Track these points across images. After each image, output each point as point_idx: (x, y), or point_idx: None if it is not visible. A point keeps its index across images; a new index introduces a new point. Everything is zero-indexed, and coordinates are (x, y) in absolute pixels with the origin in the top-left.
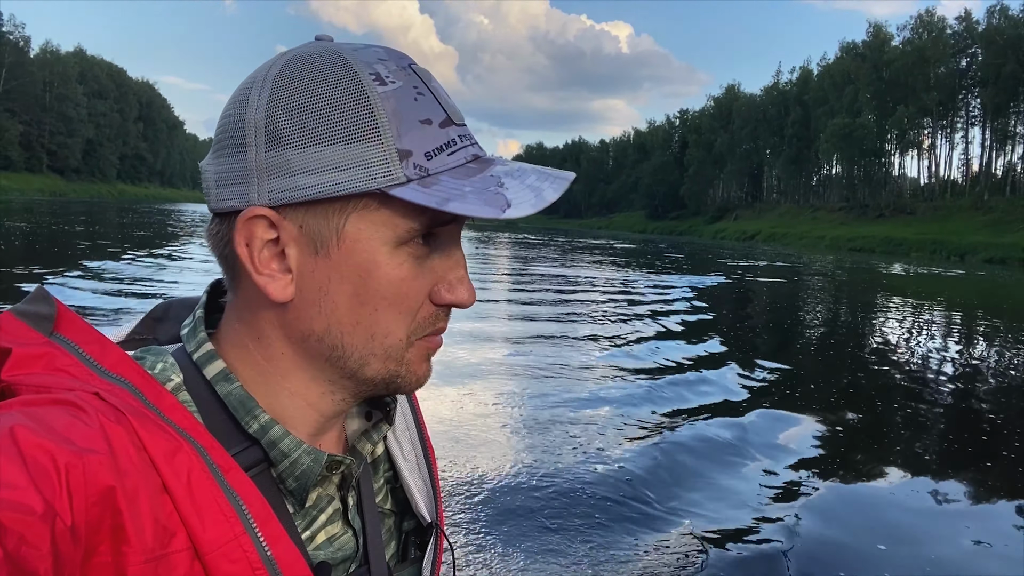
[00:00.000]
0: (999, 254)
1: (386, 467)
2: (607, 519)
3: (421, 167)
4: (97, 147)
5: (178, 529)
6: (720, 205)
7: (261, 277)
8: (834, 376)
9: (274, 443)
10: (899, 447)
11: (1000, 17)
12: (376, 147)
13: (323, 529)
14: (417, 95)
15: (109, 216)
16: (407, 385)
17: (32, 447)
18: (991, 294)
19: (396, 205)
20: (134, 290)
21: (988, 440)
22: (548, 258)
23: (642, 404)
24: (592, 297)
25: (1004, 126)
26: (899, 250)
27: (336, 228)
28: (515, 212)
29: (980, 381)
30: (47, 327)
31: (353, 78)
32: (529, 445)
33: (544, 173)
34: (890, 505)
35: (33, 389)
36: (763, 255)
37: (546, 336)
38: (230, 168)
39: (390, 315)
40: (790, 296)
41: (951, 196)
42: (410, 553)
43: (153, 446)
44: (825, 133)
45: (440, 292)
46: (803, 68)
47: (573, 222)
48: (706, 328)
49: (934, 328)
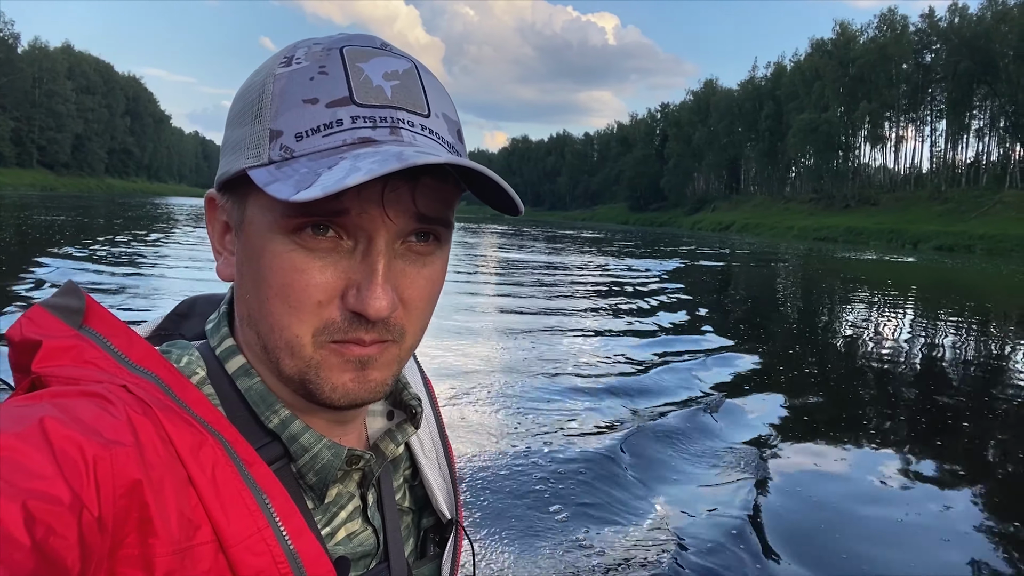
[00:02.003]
0: (948, 242)
1: (405, 465)
2: (588, 506)
3: (287, 148)
4: (86, 142)
5: (203, 522)
6: (700, 197)
7: (216, 255)
8: (762, 343)
9: (294, 438)
10: (844, 420)
11: (958, 16)
12: (256, 128)
13: (343, 526)
14: (318, 74)
15: (123, 209)
16: (319, 392)
17: (61, 438)
18: (920, 276)
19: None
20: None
21: (926, 412)
22: (499, 252)
23: (613, 390)
24: (543, 278)
25: (960, 120)
26: (859, 239)
27: (243, 210)
28: (304, 195)
29: (892, 350)
30: (76, 320)
31: (270, 63)
32: (515, 433)
33: (391, 155)
34: (843, 479)
35: (62, 381)
36: (727, 244)
37: (507, 312)
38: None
39: (281, 307)
40: (735, 278)
41: (913, 187)
42: (429, 550)
43: (179, 439)
44: (793, 128)
45: (348, 296)
46: (777, 64)
47: (558, 214)
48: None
49: (853, 305)
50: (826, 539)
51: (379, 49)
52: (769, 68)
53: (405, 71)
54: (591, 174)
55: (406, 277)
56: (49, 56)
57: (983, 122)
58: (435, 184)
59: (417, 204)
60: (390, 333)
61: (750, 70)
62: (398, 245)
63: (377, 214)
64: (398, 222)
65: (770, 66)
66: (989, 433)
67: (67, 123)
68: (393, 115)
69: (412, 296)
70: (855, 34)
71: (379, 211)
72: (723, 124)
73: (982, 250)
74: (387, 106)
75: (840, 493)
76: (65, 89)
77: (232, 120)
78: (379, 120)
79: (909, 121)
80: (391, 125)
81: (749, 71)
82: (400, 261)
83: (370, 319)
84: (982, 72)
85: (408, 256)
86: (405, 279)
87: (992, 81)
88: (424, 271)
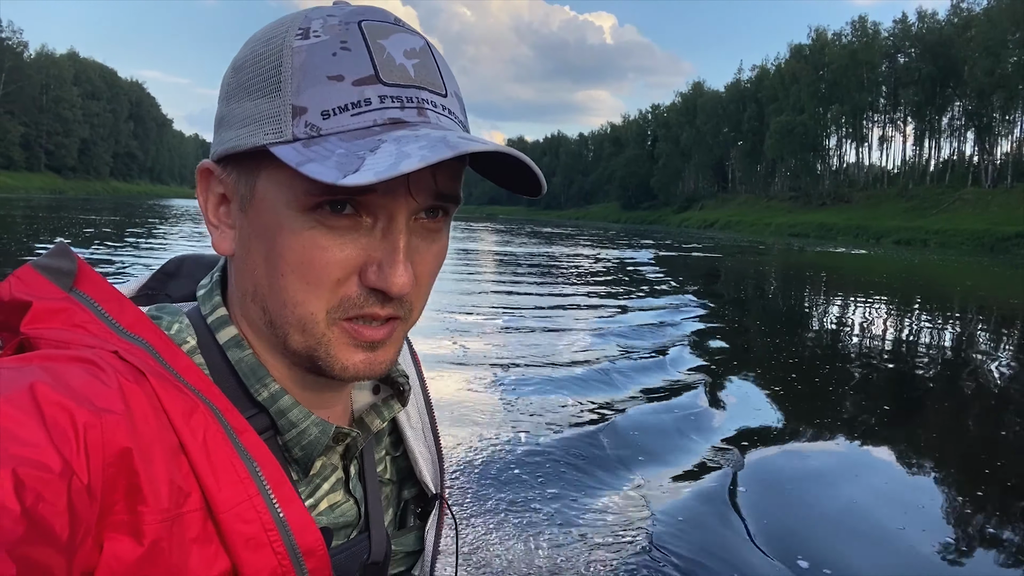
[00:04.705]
0: (906, 236)
1: (388, 437)
2: (571, 485)
3: (313, 126)
4: (91, 146)
5: (193, 489)
6: (688, 195)
7: (211, 227)
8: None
9: (283, 412)
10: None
11: (926, 22)
12: (275, 102)
13: (326, 497)
14: (340, 49)
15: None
16: (328, 369)
17: (51, 405)
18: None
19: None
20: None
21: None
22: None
23: (600, 376)
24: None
25: (926, 122)
26: (829, 234)
27: (252, 185)
28: (354, 179)
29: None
30: (67, 282)
31: (282, 33)
32: (503, 418)
33: (436, 140)
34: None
35: (52, 344)
36: (707, 239)
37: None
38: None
39: (297, 284)
40: (703, 265)
41: (885, 186)
42: (408, 521)
43: (171, 405)
44: (771, 129)
45: (368, 272)
46: (761, 67)
47: (552, 213)
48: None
49: (800, 288)
50: (806, 524)
51: (395, 25)
52: (754, 71)
53: (422, 49)
54: (585, 174)
55: (419, 253)
56: (56, 63)
57: (947, 123)
58: (453, 163)
59: (437, 183)
60: (402, 309)
61: (735, 73)
62: (412, 222)
63: (402, 193)
64: (420, 200)
65: (755, 69)
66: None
67: (74, 128)
68: (418, 95)
69: (422, 272)
70: (829, 40)
71: (404, 191)
72: (709, 125)
73: (935, 244)
74: (411, 85)
75: (817, 475)
76: (72, 95)
77: (235, 91)
78: (406, 100)
79: (878, 123)
80: (417, 106)
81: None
82: (415, 238)
83: (392, 296)
84: (944, 76)
85: (420, 232)
86: (418, 255)
87: (955, 84)
88: (433, 247)
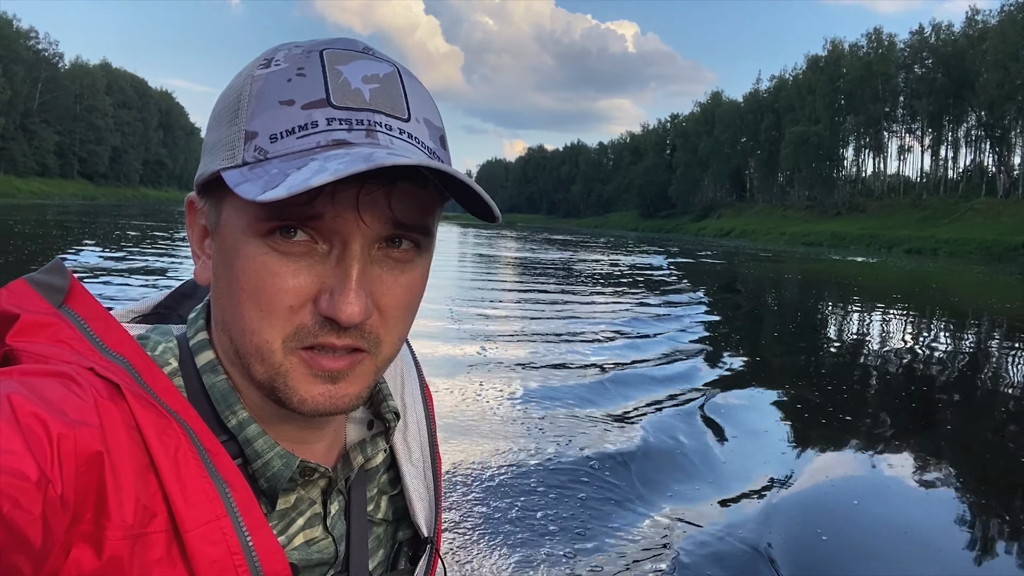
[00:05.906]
0: (916, 246)
1: (386, 475)
2: (591, 508)
3: (261, 150)
4: (122, 154)
5: (160, 510)
6: (706, 204)
7: (195, 258)
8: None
9: (249, 441)
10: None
11: (941, 33)
12: (233, 129)
13: (301, 532)
14: (296, 75)
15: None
16: (287, 401)
17: (27, 415)
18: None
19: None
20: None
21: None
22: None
23: (608, 392)
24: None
25: (942, 132)
26: (842, 243)
27: (218, 212)
28: (270, 195)
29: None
30: (57, 299)
31: (250, 65)
32: (512, 433)
33: (360, 156)
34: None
35: (33, 358)
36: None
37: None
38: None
39: (252, 310)
40: (714, 273)
41: (900, 195)
42: (400, 563)
43: (145, 423)
44: (786, 139)
45: (320, 300)
46: (779, 77)
47: (572, 221)
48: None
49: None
50: (833, 549)
51: (361, 53)
52: (772, 81)
53: (386, 75)
54: (604, 183)
55: (383, 284)
56: (89, 73)
57: (962, 134)
58: (413, 190)
59: (393, 209)
60: (364, 341)
61: (754, 83)
62: (375, 251)
63: (352, 218)
64: (373, 227)
65: (773, 79)
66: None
67: (106, 136)
68: (370, 118)
69: (388, 303)
70: (844, 51)
71: (354, 215)
72: (727, 135)
73: (944, 253)
74: (364, 109)
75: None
76: (104, 104)
77: (212, 123)
78: (355, 123)
79: (894, 133)
80: (367, 128)
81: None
82: (377, 267)
83: (342, 325)
84: (959, 88)
85: (386, 262)
86: (382, 285)
87: (968, 96)
88: (402, 278)
